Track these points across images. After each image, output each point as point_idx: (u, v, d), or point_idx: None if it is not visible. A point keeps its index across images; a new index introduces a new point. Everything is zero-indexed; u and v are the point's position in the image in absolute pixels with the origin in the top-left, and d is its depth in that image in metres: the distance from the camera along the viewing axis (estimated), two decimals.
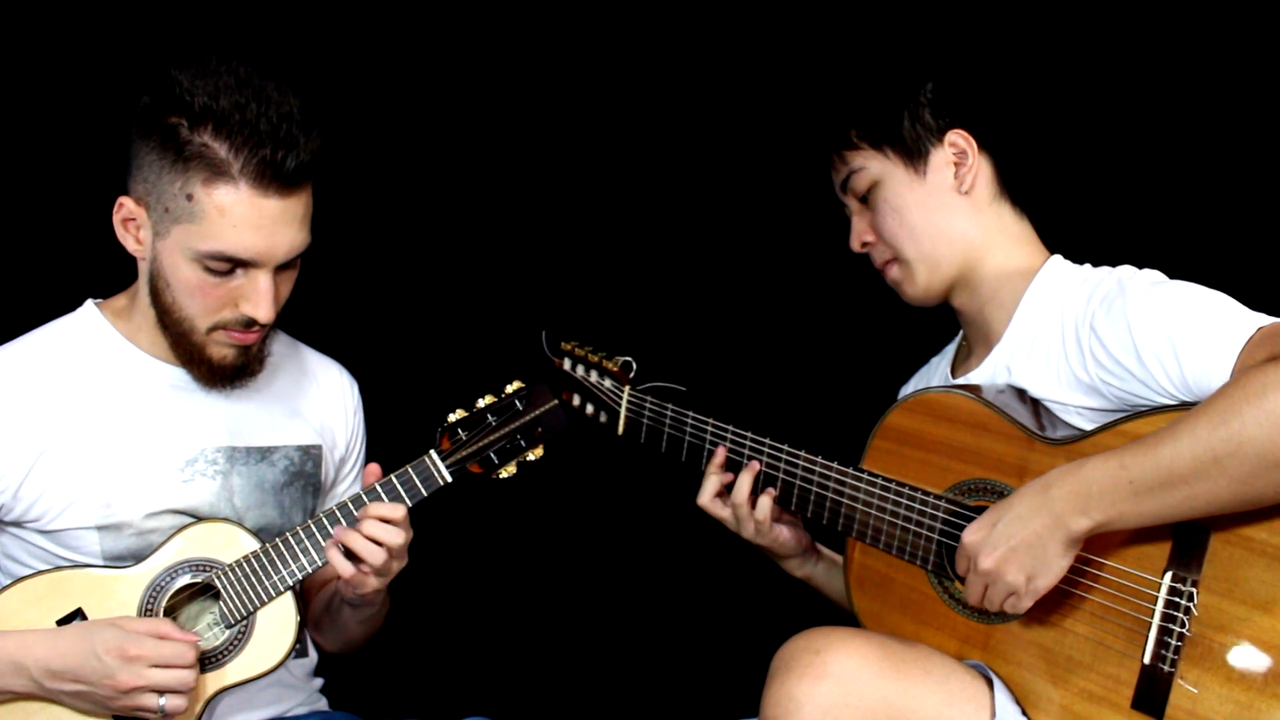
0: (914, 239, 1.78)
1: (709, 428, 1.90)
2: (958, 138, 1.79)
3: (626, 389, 2.00)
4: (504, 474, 1.77)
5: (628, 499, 2.20)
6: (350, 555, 1.67)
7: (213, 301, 1.66)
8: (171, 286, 1.67)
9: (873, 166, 1.79)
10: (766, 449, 1.85)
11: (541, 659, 2.61)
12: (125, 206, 1.68)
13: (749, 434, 1.87)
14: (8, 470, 1.69)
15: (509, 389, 1.78)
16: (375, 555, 1.65)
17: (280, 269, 1.67)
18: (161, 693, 1.57)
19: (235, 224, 1.61)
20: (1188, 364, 1.53)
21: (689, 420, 1.92)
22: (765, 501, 1.84)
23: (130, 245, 1.71)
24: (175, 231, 1.64)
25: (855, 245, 1.85)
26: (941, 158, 1.79)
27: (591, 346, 2.07)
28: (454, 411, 1.76)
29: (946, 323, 1.92)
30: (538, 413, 1.77)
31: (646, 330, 2.18)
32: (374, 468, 1.72)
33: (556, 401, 1.78)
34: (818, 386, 2.56)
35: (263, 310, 1.66)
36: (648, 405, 1.97)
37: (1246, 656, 1.46)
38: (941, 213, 1.78)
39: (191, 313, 1.67)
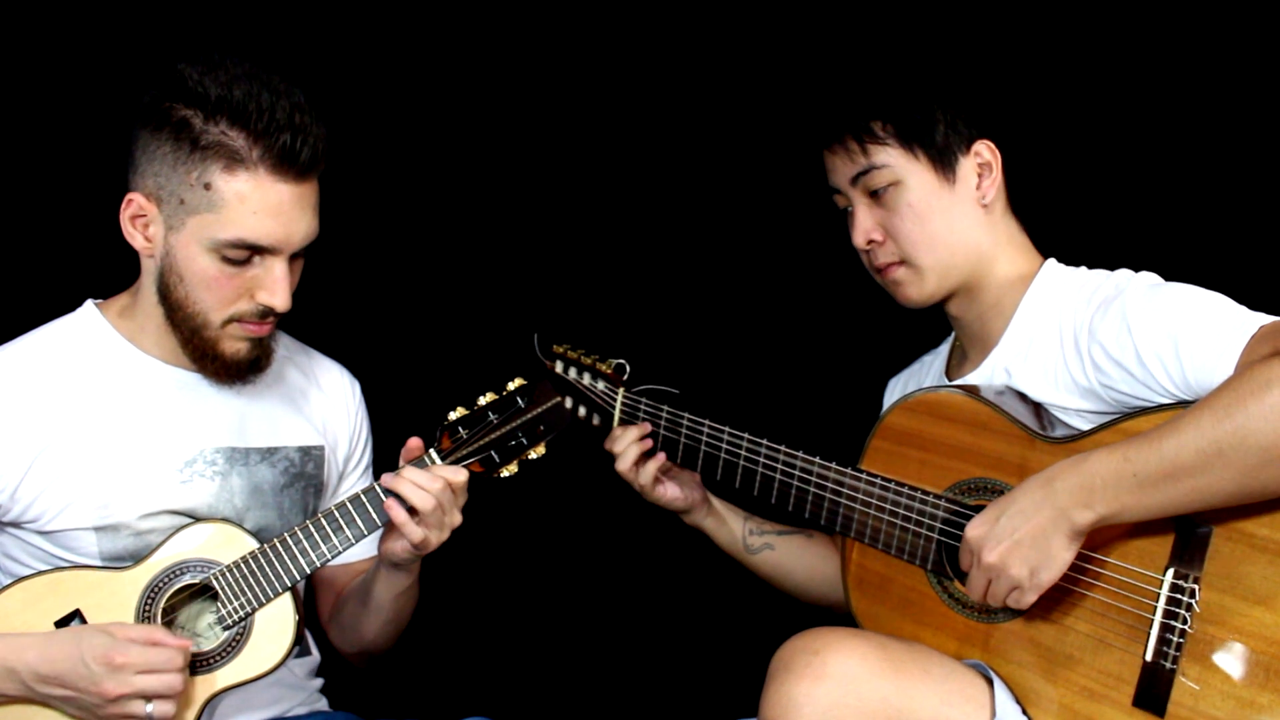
0: (932, 246, 1.76)
1: (705, 430, 1.90)
2: (984, 148, 1.77)
3: (620, 391, 1.99)
4: (505, 473, 1.75)
5: (627, 499, 2.18)
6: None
7: (229, 293, 1.66)
8: (185, 280, 1.67)
9: (897, 165, 1.75)
10: (764, 450, 1.85)
11: (541, 659, 2.59)
12: (134, 202, 1.67)
13: (745, 435, 1.87)
14: (6, 471, 1.68)
15: (510, 386, 1.76)
16: (425, 501, 1.66)
17: (291, 259, 1.68)
18: (149, 699, 1.55)
19: (255, 210, 1.62)
20: (1189, 362, 1.53)
21: (684, 422, 1.92)
22: (650, 466, 1.90)
23: (138, 242, 1.70)
24: (191, 223, 1.64)
25: (860, 242, 1.80)
26: (967, 167, 1.77)
27: (584, 349, 2.06)
28: (454, 409, 1.74)
29: (937, 321, 1.92)
30: (540, 410, 1.75)
31: (638, 332, 2.17)
32: (415, 441, 1.72)
33: (559, 399, 1.76)
34: (808, 385, 2.56)
35: (279, 298, 1.67)
36: (642, 407, 1.96)
37: (1248, 652, 1.46)
38: (963, 222, 1.77)
39: (206, 306, 1.67)
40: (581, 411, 2.05)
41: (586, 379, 2.03)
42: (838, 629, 1.61)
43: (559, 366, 2.08)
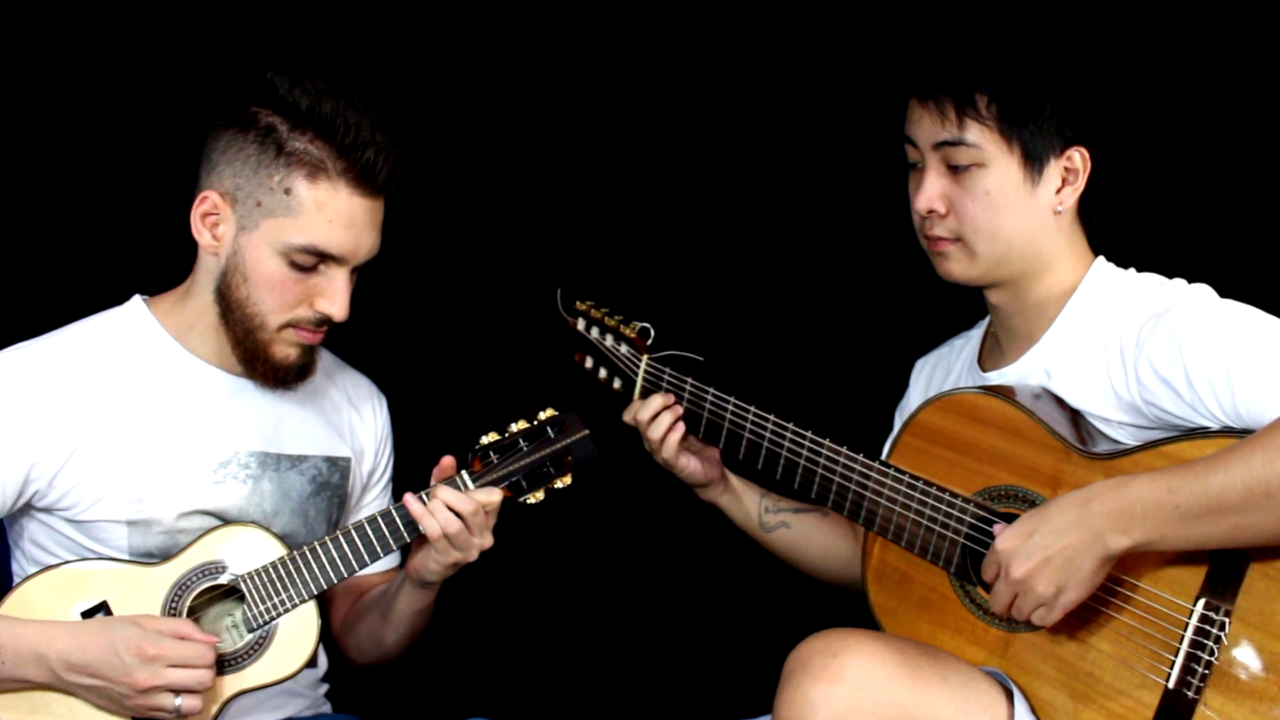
0: (994, 239, 1.68)
1: (729, 407, 1.85)
2: (1078, 155, 1.68)
3: (644, 357, 1.94)
4: (532, 499, 1.79)
5: (634, 495, 2.17)
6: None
7: (290, 298, 1.69)
8: (249, 281, 1.69)
9: (987, 149, 1.65)
10: (789, 434, 1.80)
11: (542, 660, 2.60)
12: (209, 200, 1.70)
13: (770, 417, 1.82)
14: (47, 457, 1.68)
15: (541, 416, 1.80)
16: (451, 524, 1.70)
17: (350, 274, 1.72)
18: (177, 692, 1.58)
19: (330, 219, 1.66)
20: (1241, 392, 1.48)
21: (709, 398, 1.87)
22: (673, 438, 1.87)
23: (205, 240, 1.72)
24: (266, 224, 1.67)
25: (921, 207, 1.70)
26: (1054, 170, 1.68)
27: (608, 309, 2.01)
28: (486, 434, 1.78)
29: (969, 304, 1.87)
30: (568, 441, 1.79)
31: (664, 300, 2.11)
32: (449, 460, 1.77)
33: (587, 431, 1.80)
34: (833, 361, 2.52)
35: (338, 308, 1.70)
36: (666, 376, 1.91)
37: (1274, 689, 1.44)
38: (1033, 225, 1.68)
39: (266, 308, 1.70)
40: (602, 374, 2.00)
41: (609, 340, 1.99)
42: (855, 631, 1.59)
43: (581, 324, 2.03)
